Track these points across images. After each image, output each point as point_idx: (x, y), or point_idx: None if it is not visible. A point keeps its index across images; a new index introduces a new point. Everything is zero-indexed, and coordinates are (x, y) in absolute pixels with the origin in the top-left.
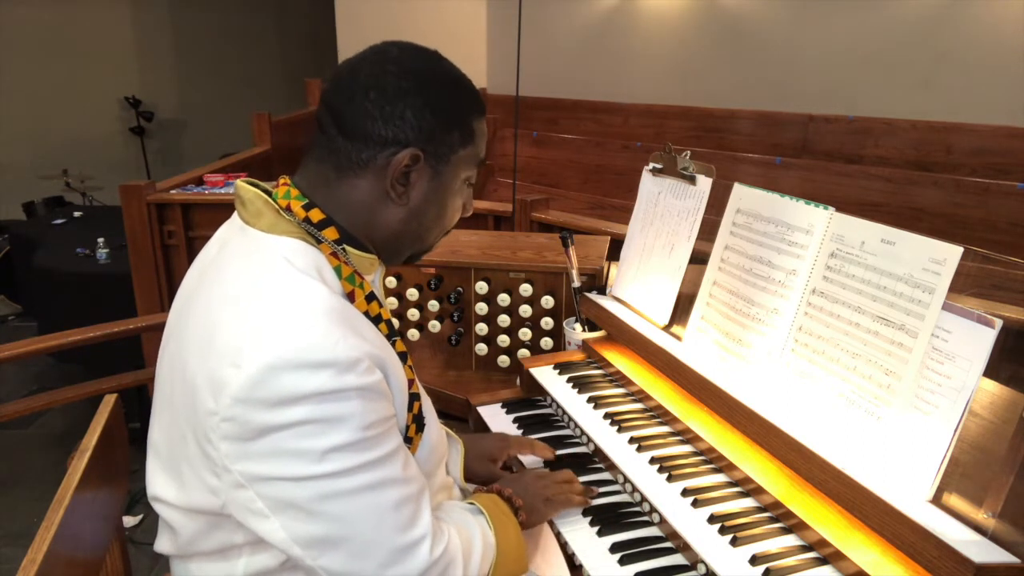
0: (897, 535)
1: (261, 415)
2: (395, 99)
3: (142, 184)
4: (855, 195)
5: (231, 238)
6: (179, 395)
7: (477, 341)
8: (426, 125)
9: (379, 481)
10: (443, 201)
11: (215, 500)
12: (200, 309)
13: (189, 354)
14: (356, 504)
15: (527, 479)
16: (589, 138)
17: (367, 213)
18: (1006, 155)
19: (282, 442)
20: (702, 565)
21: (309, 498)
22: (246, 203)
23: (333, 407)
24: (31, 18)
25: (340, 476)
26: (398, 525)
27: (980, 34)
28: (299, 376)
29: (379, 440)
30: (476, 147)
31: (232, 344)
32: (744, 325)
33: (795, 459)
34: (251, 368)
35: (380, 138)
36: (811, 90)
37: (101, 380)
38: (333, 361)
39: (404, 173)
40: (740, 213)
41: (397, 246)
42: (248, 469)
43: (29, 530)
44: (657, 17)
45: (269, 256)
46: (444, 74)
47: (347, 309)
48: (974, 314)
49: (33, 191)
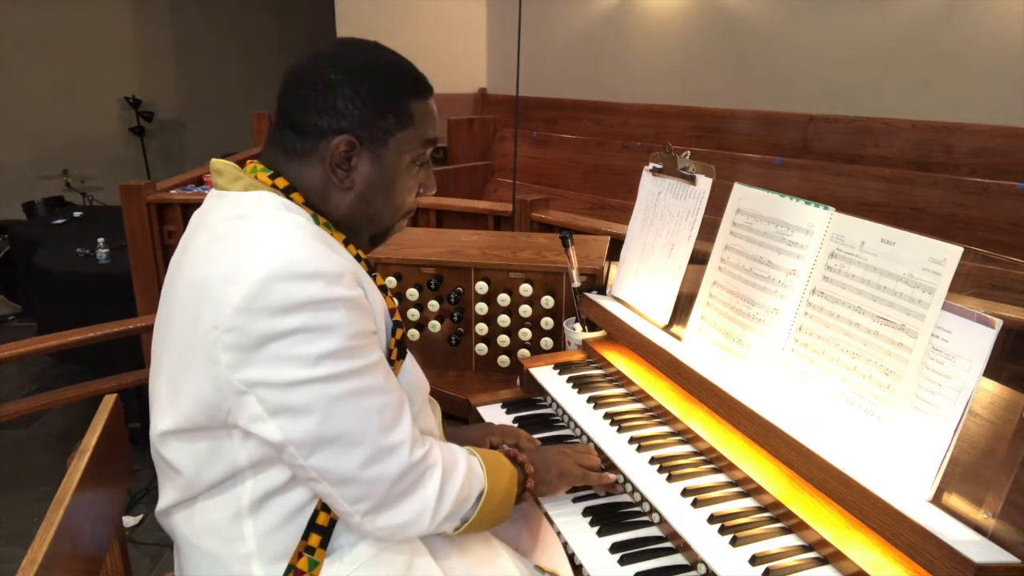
0: (897, 535)
1: (262, 323)
2: (326, 91)
3: (142, 184)
4: (855, 195)
5: (210, 205)
6: (177, 331)
7: (477, 341)
8: (357, 111)
9: (364, 387)
10: (389, 184)
11: (217, 414)
12: (191, 260)
13: (186, 292)
14: (345, 406)
15: (547, 451)
16: (589, 138)
17: (319, 199)
18: (1006, 155)
19: (280, 349)
20: (702, 565)
21: (304, 400)
22: (222, 172)
23: (325, 315)
24: (31, 18)
25: (331, 380)
26: (381, 427)
27: (980, 34)
28: (294, 285)
29: (364, 350)
30: (417, 128)
31: (227, 266)
32: (744, 325)
33: (795, 459)
34: (249, 280)
35: (316, 128)
36: (811, 90)
37: (101, 380)
38: (323, 272)
39: (344, 158)
40: (740, 213)
41: (353, 228)
42: (248, 375)
43: (29, 530)
44: (657, 17)
45: (247, 202)
46: (375, 61)
47: (326, 236)
48: (974, 314)
49: (33, 191)
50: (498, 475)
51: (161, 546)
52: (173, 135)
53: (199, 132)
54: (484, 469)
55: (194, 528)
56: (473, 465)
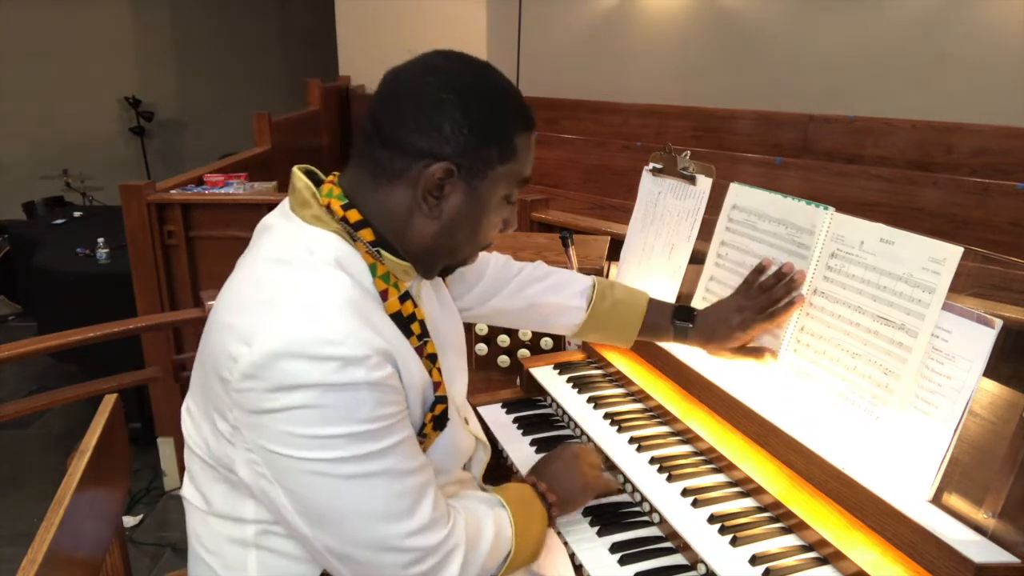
0: (897, 535)
1: (261, 394)
2: (432, 111)
3: (142, 184)
4: (855, 195)
5: (275, 223)
6: (207, 358)
7: (477, 341)
8: (463, 139)
9: (377, 471)
10: (478, 217)
11: (231, 455)
12: (232, 288)
13: (216, 326)
14: (353, 489)
15: (563, 463)
16: (589, 138)
17: (401, 223)
18: (1006, 155)
19: (280, 424)
20: (702, 565)
21: (303, 477)
22: (296, 191)
23: (336, 398)
24: (31, 18)
25: (336, 463)
26: (390, 515)
27: (980, 34)
28: (302, 365)
29: (383, 433)
30: (518, 164)
31: (248, 323)
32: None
33: (795, 459)
34: (260, 349)
35: (415, 149)
36: (811, 90)
37: (101, 380)
38: (339, 356)
39: (437, 186)
40: (736, 210)
41: (430, 259)
42: (255, 439)
43: (29, 530)
44: (657, 17)
45: (299, 244)
46: (487, 87)
47: (366, 302)
48: (974, 314)
49: (33, 191)
50: (527, 533)
51: (161, 546)
52: (173, 135)
53: (199, 132)
54: (513, 527)
55: (201, 536)
56: (501, 527)
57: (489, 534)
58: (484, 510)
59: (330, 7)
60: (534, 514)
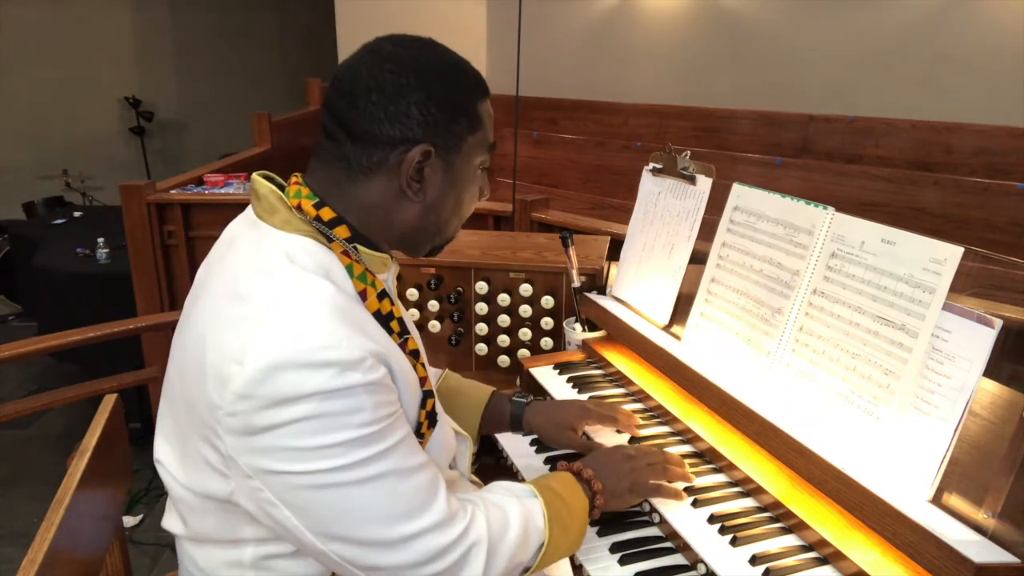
0: (897, 535)
1: (262, 412)
2: (397, 97)
3: (142, 184)
4: (855, 195)
5: (242, 233)
6: (187, 388)
7: (477, 341)
8: (432, 118)
9: (386, 471)
10: (459, 191)
11: (224, 488)
12: (208, 306)
13: (196, 350)
14: (364, 492)
15: (612, 458)
16: (589, 138)
17: (383, 213)
18: (1006, 155)
19: (282, 439)
20: (702, 565)
21: (309, 492)
22: (260, 198)
23: (336, 404)
24: (31, 18)
25: (345, 469)
26: (405, 514)
27: (980, 34)
28: (301, 374)
29: (386, 432)
30: (485, 131)
31: (237, 341)
32: (744, 324)
33: (795, 459)
34: (255, 365)
35: (388, 139)
36: (811, 90)
37: (101, 380)
38: (336, 361)
39: (418, 170)
40: (738, 211)
41: (418, 240)
42: (253, 462)
43: (29, 530)
44: (657, 17)
45: (276, 253)
46: (441, 62)
47: (352, 307)
48: (974, 314)
49: (33, 191)
50: (563, 523)
51: (161, 546)
52: (173, 135)
53: (199, 132)
54: (546, 517)
55: (196, 560)
56: (531, 516)
57: (516, 525)
58: (510, 500)
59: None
60: (573, 503)
